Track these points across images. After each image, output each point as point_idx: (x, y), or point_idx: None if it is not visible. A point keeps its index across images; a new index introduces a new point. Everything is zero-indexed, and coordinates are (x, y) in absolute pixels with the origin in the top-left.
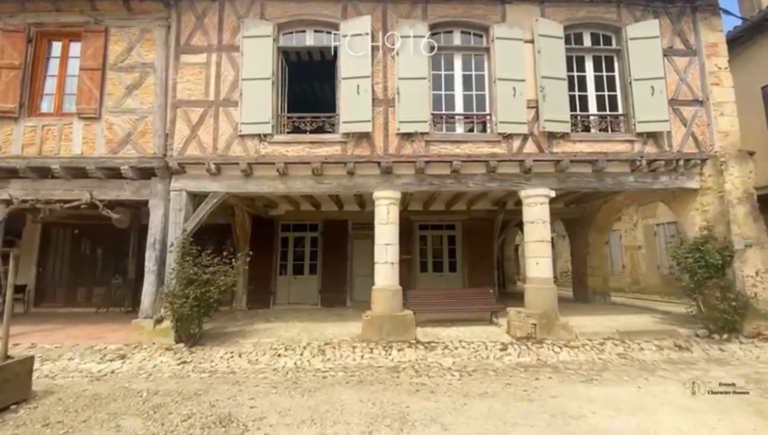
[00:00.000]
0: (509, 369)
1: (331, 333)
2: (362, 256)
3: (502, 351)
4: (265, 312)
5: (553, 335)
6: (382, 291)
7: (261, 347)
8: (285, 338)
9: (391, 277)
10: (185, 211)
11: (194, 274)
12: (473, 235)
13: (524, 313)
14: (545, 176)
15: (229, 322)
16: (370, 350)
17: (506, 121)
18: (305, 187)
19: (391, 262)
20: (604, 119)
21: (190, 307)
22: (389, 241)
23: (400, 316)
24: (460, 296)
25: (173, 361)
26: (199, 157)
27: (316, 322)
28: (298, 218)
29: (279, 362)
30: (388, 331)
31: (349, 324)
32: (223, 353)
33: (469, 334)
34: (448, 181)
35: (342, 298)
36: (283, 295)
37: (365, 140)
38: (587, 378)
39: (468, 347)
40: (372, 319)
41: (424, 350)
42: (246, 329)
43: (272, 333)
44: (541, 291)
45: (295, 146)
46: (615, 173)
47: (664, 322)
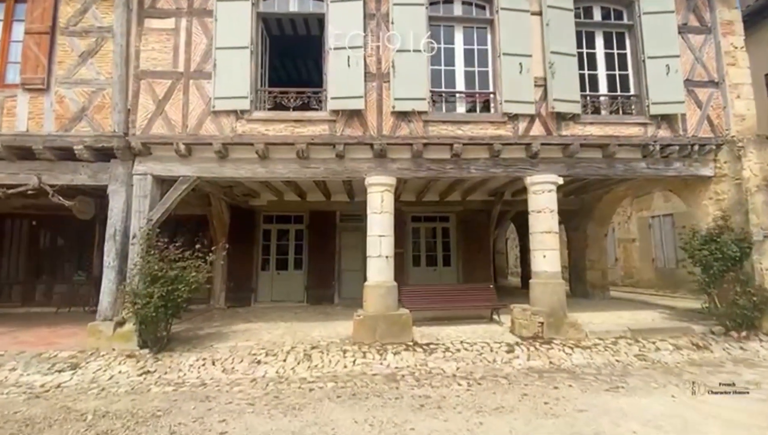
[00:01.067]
0: (521, 375)
1: (318, 334)
2: (351, 249)
3: (509, 353)
4: (245, 311)
5: (562, 335)
6: (375, 288)
7: (238, 352)
8: (266, 341)
9: (385, 273)
10: (150, 198)
11: (159, 269)
12: (468, 228)
13: (530, 311)
14: (553, 162)
15: (204, 322)
16: (362, 354)
17: (512, 100)
18: (288, 172)
19: (385, 255)
20: (615, 100)
21: (155, 307)
22: (383, 232)
23: (396, 315)
24: (458, 293)
25: (134, 371)
26: (167, 136)
27: (301, 322)
28: (282, 209)
29: (258, 371)
30: (382, 333)
31: (338, 324)
32: (193, 360)
33: (470, 333)
34: (447, 166)
35: (330, 295)
36: (265, 292)
37: (356, 119)
38: (611, 385)
39: (471, 349)
40: (364, 320)
41: (422, 353)
42: (223, 331)
43: (252, 335)
44: (549, 286)
45: (277, 125)
46: (626, 159)
47: (673, 319)
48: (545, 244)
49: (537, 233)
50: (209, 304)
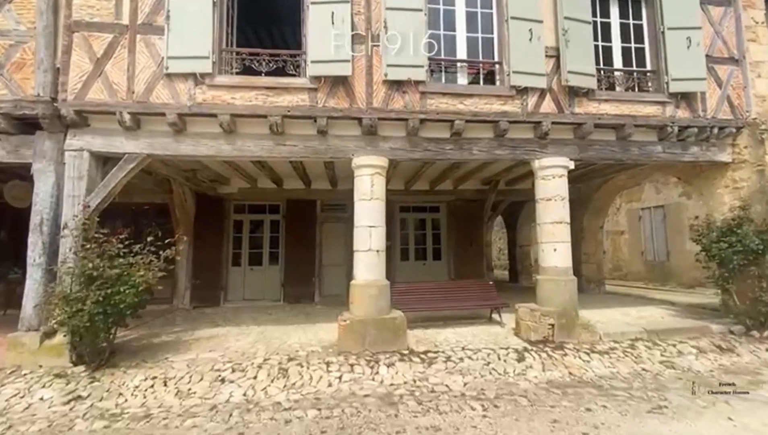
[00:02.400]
0: (542, 392)
1: (296, 341)
2: (333, 242)
3: (520, 362)
4: (213, 312)
5: (574, 337)
6: (364, 287)
7: (198, 368)
8: (234, 352)
9: (376, 270)
10: (88, 180)
11: (95, 268)
12: (460, 219)
13: (539, 312)
14: (563, 143)
15: (163, 327)
16: (350, 368)
17: (521, 72)
18: (260, 150)
19: (376, 249)
20: (631, 76)
21: (90, 315)
22: (374, 223)
23: (388, 319)
24: (456, 290)
25: (60, 396)
26: (108, 103)
27: (277, 325)
28: (255, 197)
29: (222, 393)
30: (372, 340)
31: (319, 327)
32: (140, 380)
33: (471, 337)
34: (447, 147)
35: (309, 293)
36: (236, 290)
37: (342, 88)
38: (652, 404)
39: (476, 358)
40: (351, 325)
41: (421, 365)
42: (183, 338)
43: (218, 344)
44: (560, 284)
45: (246, 92)
46: (641, 142)
47: (684, 316)
48: (556, 235)
49: (546, 224)
50: (172, 304)
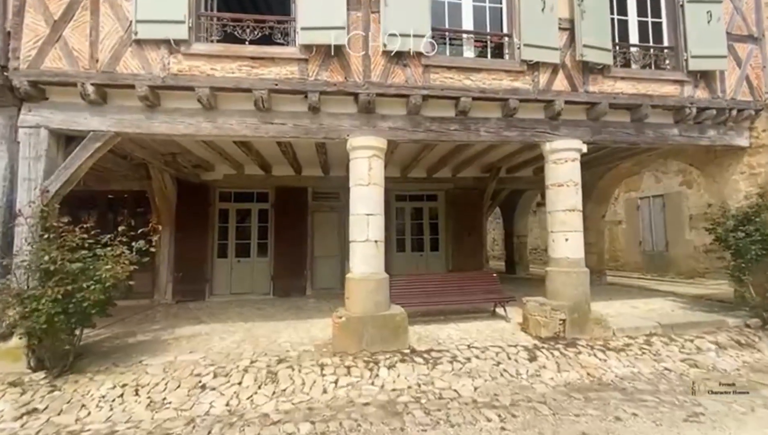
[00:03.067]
0: (562, 397)
1: (287, 340)
2: (326, 233)
3: (532, 361)
4: (197, 307)
5: (587, 333)
6: (361, 282)
7: (176, 372)
8: (218, 352)
9: (374, 262)
10: (47, 161)
11: (52, 261)
12: (459, 208)
13: (549, 306)
14: (576, 125)
15: (140, 324)
16: (346, 370)
17: (532, 45)
18: (244, 129)
19: (374, 239)
20: (647, 53)
21: (47, 315)
22: (372, 210)
23: (388, 316)
24: (459, 283)
25: (13, 409)
26: (68, 73)
27: (266, 321)
28: (242, 185)
29: (201, 403)
30: (371, 339)
31: (311, 323)
32: (107, 389)
33: (475, 333)
34: (452, 127)
35: (300, 286)
36: (222, 284)
37: (336, 60)
38: (686, 411)
39: (484, 357)
40: (348, 323)
41: (425, 366)
42: (162, 337)
43: (200, 343)
44: (572, 276)
45: (228, 63)
46: (656, 124)
47: (693, 309)
48: (568, 224)
49: (558, 212)
50: (153, 299)
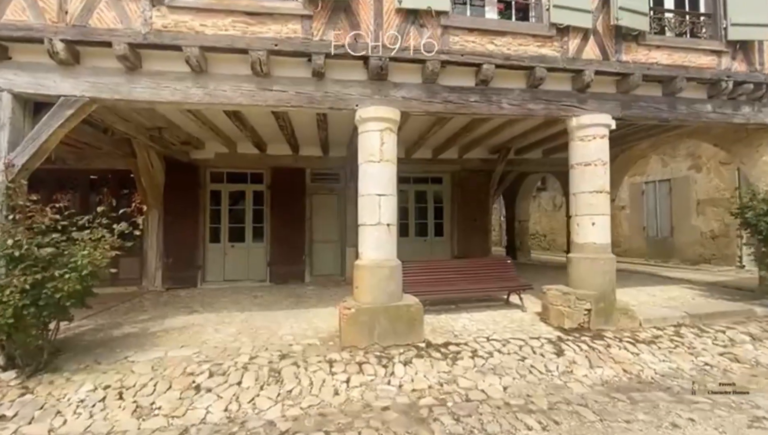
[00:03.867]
0: (603, 398)
1: (289, 332)
2: (325, 216)
3: (560, 355)
4: (189, 294)
5: (612, 324)
6: (373, 269)
7: (167, 370)
8: (213, 347)
9: (386, 248)
10: (11, 131)
11: (16, 245)
12: (465, 191)
13: (574, 295)
14: (605, 98)
15: (127, 314)
16: (358, 367)
17: (562, 6)
18: (239, 96)
19: (386, 222)
20: (684, 20)
21: (15, 308)
22: (384, 190)
23: (402, 307)
24: (473, 270)
25: None
26: (33, 27)
27: (264, 310)
28: (235, 164)
29: (195, 408)
30: (383, 332)
31: (314, 313)
32: (87, 391)
33: (492, 324)
34: (471, 98)
35: (299, 272)
36: (216, 270)
37: (344, 16)
38: (747, 415)
39: (507, 351)
40: (357, 314)
41: (443, 361)
42: (151, 329)
43: (193, 336)
44: (599, 263)
45: (220, 18)
46: (690, 100)
47: (714, 297)
48: (594, 207)
49: (584, 194)
50: (141, 286)
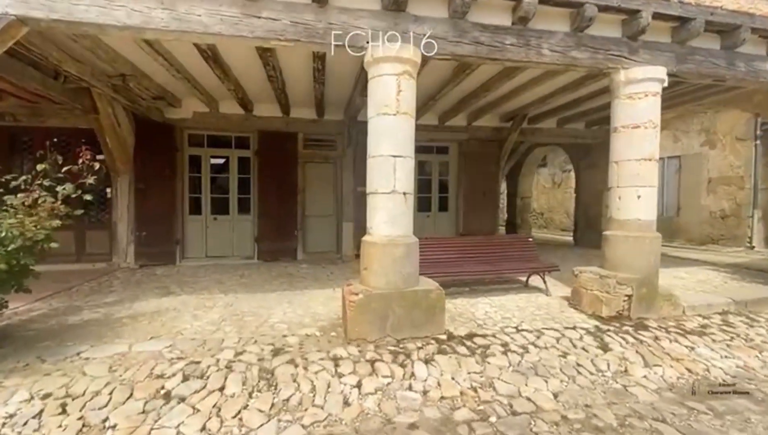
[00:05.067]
0: (677, 408)
1: (282, 319)
2: (319, 187)
3: (605, 350)
4: (166, 273)
5: (654, 312)
6: (386, 247)
7: (128, 372)
8: (190, 338)
9: (402, 221)
10: None
11: None
12: (473, 162)
13: (614, 279)
14: (659, 49)
15: (91, 296)
16: (370, 367)
17: None
18: (218, 24)
19: (402, 191)
20: None
21: None
22: (400, 151)
23: (421, 293)
24: (492, 248)
25: None
26: None
27: (252, 292)
28: (217, 126)
29: (162, 428)
30: (397, 322)
31: (309, 296)
32: (21, 401)
33: (516, 311)
34: (507, 40)
35: (290, 249)
36: (197, 245)
37: None
38: None
39: (542, 344)
40: (367, 301)
41: (471, 357)
42: (115, 315)
43: (166, 324)
44: (643, 243)
45: None
46: (748, 56)
47: (747, 280)
48: (642, 177)
49: (629, 162)
50: (111, 263)
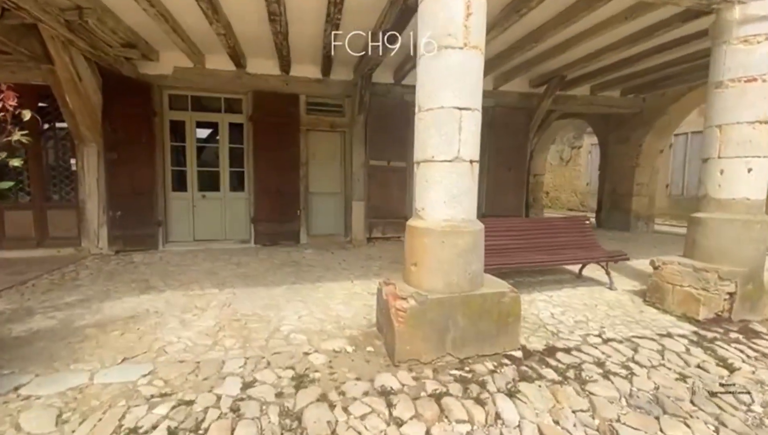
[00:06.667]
0: None
1: (297, 325)
2: (325, 160)
3: (730, 369)
4: (146, 260)
5: (758, 312)
6: (446, 236)
7: (83, 423)
8: (176, 360)
9: (466, 200)
10: None
11: None
12: (499, 133)
13: (714, 273)
14: None
15: (50, 292)
16: (435, 404)
17: None
18: None
19: (469, 158)
20: None
21: None
22: (467, 101)
23: (490, 297)
24: (547, 233)
25: None
26: None
27: (253, 286)
28: (204, 85)
29: None
30: (460, 337)
31: (325, 291)
32: None
33: (585, 310)
34: None
35: (292, 231)
36: (182, 227)
37: None
38: None
39: (645, 361)
40: (423, 310)
41: (566, 385)
42: (77, 322)
43: (145, 337)
44: (752, 229)
45: None
46: None
47: None
48: (754, 146)
49: (740, 125)
50: (80, 248)
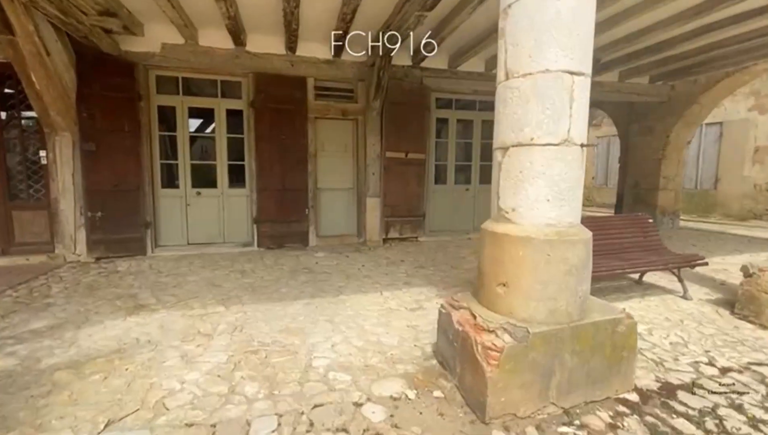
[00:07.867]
0: None
1: (332, 359)
2: (335, 152)
3: None
4: (132, 269)
5: None
6: (552, 247)
7: None
8: (182, 420)
9: (573, 198)
10: None
11: None
12: None
13: None
14: None
15: (11, 315)
16: None
17: None
18: None
19: (579, 141)
20: None
21: None
22: (579, 64)
23: (602, 325)
24: (611, 234)
25: None
26: None
27: (265, 302)
28: (197, 66)
29: None
30: (566, 381)
31: (355, 307)
32: None
33: (674, 328)
34: None
35: (300, 232)
36: (174, 229)
37: None
38: None
39: None
40: (523, 351)
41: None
42: (45, 361)
43: (134, 384)
44: None
45: None
46: None
47: None
48: None
49: None
50: (53, 254)
